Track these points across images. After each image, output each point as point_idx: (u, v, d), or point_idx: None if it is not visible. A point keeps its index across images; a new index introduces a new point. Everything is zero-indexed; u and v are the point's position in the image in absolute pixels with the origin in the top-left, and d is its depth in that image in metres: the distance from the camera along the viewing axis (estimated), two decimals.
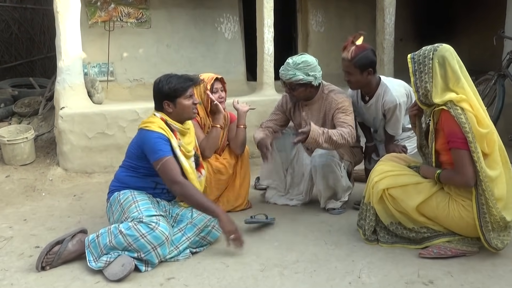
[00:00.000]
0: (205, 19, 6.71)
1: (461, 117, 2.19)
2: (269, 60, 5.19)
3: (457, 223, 2.31)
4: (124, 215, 2.51)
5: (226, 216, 2.49)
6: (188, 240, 2.54)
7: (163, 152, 2.51)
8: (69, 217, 3.35)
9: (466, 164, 2.19)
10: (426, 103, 2.34)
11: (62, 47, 4.56)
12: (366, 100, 3.11)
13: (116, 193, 2.65)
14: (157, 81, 2.67)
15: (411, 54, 2.39)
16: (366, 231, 2.56)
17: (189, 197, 2.50)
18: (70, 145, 4.51)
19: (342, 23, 7.50)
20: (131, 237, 2.33)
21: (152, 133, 2.55)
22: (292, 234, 2.80)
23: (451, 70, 2.26)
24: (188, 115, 2.69)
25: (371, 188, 2.51)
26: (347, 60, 2.88)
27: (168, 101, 2.62)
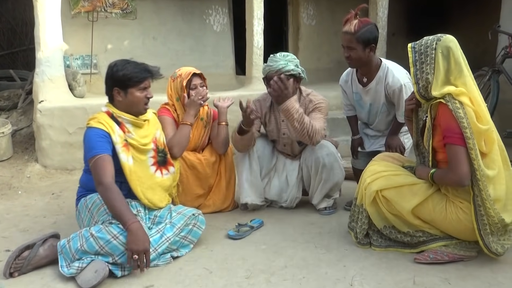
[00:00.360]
0: (193, 11, 6.53)
1: (459, 111, 2.05)
2: (259, 53, 5.04)
3: (454, 226, 2.18)
4: (93, 220, 2.37)
5: (138, 232, 2.16)
6: (168, 241, 2.38)
7: (96, 150, 2.31)
8: (45, 217, 3.17)
9: (461, 161, 2.05)
10: (425, 97, 2.20)
11: (41, 37, 4.36)
12: (365, 83, 2.93)
13: (82, 199, 2.50)
14: (112, 64, 2.46)
15: (411, 43, 2.24)
16: (358, 235, 2.42)
17: (107, 201, 2.27)
18: (49, 141, 4.33)
19: (334, 16, 7.35)
20: (102, 239, 2.18)
21: (89, 131, 2.38)
22: (280, 237, 2.65)
23: (454, 62, 2.12)
24: (138, 108, 2.49)
25: (363, 190, 2.37)
26: (349, 34, 2.68)
27: (119, 88, 2.42)
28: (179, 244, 2.44)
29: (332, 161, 2.91)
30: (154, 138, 2.63)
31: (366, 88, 2.93)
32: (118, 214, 2.21)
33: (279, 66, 2.85)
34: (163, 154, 2.67)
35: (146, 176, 2.52)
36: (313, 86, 5.97)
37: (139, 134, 2.52)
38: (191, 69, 3.00)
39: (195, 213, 2.52)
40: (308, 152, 3.00)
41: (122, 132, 2.43)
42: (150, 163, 2.57)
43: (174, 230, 2.42)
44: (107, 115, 2.45)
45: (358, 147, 3.15)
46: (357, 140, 3.16)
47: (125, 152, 2.41)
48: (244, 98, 3.30)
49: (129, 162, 2.42)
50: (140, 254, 2.15)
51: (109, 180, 2.27)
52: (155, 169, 2.60)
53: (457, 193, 2.16)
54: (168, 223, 2.44)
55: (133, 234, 2.15)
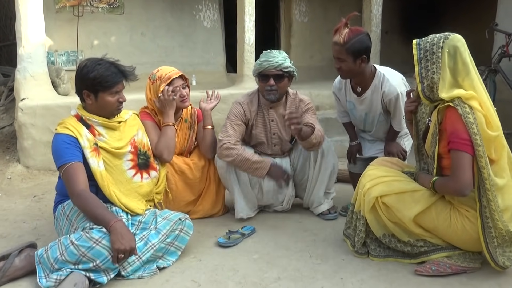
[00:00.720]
0: (183, 7, 6.37)
1: (468, 117, 1.93)
2: (250, 50, 4.90)
3: (459, 236, 2.06)
4: (72, 227, 2.22)
5: (122, 230, 2.05)
6: (153, 248, 2.23)
7: (64, 158, 2.20)
8: (25, 222, 3.00)
9: (464, 169, 1.93)
10: (429, 97, 2.07)
11: (23, 32, 4.18)
12: (359, 92, 2.80)
13: (60, 206, 2.36)
14: (82, 64, 2.30)
15: (416, 40, 2.10)
16: (356, 243, 2.29)
17: (83, 210, 2.16)
18: (31, 140, 4.15)
19: (327, 14, 7.24)
20: (83, 247, 2.03)
21: (56, 137, 2.26)
22: (273, 245, 2.51)
23: (461, 62, 1.99)
24: (109, 112, 2.36)
25: (362, 196, 2.24)
26: (339, 45, 2.54)
27: (88, 91, 2.28)
28: (165, 251, 2.30)
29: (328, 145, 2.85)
30: (133, 139, 2.49)
31: (360, 97, 2.80)
32: (99, 218, 2.10)
33: (278, 62, 2.75)
34: (144, 157, 2.53)
35: (121, 181, 2.39)
36: (305, 85, 5.88)
37: (113, 137, 2.39)
38: (171, 72, 2.78)
39: (181, 217, 2.38)
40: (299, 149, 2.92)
41: (91, 136, 2.30)
42: (127, 167, 2.44)
43: (160, 236, 2.28)
44: (75, 118, 2.32)
45: (356, 153, 3.02)
46: (355, 146, 3.02)
47: (94, 156, 2.28)
48: (235, 97, 3.19)
49: (100, 167, 2.29)
50: (126, 253, 2.04)
51: (81, 188, 2.15)
52: (134, 173, 2.46)
53: (463, 200, 2.04)
54: (153, 229, 2.30)
55: (117, 233, 2.04)
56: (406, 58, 8.37)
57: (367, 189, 2.20)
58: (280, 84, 2.79)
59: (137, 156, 2.48)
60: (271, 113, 2.92)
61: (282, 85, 2.80)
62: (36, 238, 2.68)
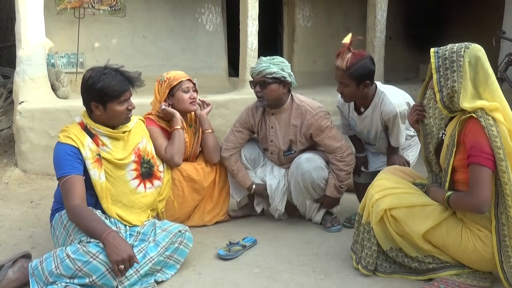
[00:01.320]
0: (185, 10, 6.31)
1: (492, 129, 1.85)
2: (253, 55, 4.84)
3: (469, 255, 1.98)
4: (69, 238, 2.15)
5: (115, 241, 1.98)
6: (151, 262, 2.16)
7: (63, 170, 2.15)
8: (21, 229, 2.93)
9: (484, 184, 1.84)
10: (449, 107, 2.00)
11: (22, 34, 4.12)
12: (361, 111, 2.75)
13: (57, 214, 2.29)
14: (86, 76, 2.24)
15: (434, 48, 2.03)
16: (364, 258, 2.18)
17: (78, 225, 2.10)
18: (29, 144, 4.09)
19: (330, 18, 7.18)
20: (79, 261, 1.96)
21: (58, 146, 2.22)
22: (274, 258, 2.44)
23: (483, 72, 1.92)
24: (119, 121, 2.32)
25: (370, 207, 2.15)
26: (341, 70, 2.50)
27: (96, 103, 2.23)
28: (164, 264, 2.23)
29: (319, 176, 2.73)
30: (137, 148, 2.43)
31: (361, 116, 2.75)
32: (92, 231, 2.04)
33: (260, 68, 2.68)
34: (148, 166, 2.47)
35: (123, 192, 2.34)
36: (308, 90, 5.80)
37: (117, 147, 2.33)
38: (180, 74, 2.82)
39: (181, 229, 2.31)
40: (295, 166, 2.80)
41: (95, 146, 2.24)
42: (131, 177, 2.38)
43: (158, 249, 2.20)
44: (79, 127, 2.26)
45: (361, 166, 2.94)
46: (361, 159, 2.94)
47: (96, 168, 2.23)
48: (237, 102, 3.13)
49: (101, 179, 2.24)
50: (125, 263, 1.97)
51: (76, 203, 2.10)
52: (138, 183, 2.40)
53: (475, 219, 1.96)
54: (152, 241, 2.23)
55: (111, 244, 1.97)
56: (410, 64, 8.35)
57: (376, 200, 2.12)
58: (266, 90, 2.71)
59: (140, 165, 2.43)
60: (271, 119, 2.85)
61: (268, 92, 2.71)
62: (32, 247, 2.61)
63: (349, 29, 7.26)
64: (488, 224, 1.93)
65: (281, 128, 2.82)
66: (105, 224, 2.11)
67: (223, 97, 4.72)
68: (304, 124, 2.75)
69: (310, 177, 2.71)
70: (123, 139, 2.37)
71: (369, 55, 2.57)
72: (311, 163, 2.73)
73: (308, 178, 2.71)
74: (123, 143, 2.37)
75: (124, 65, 2.35)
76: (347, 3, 7.24)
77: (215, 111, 4.24)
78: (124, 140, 2.38)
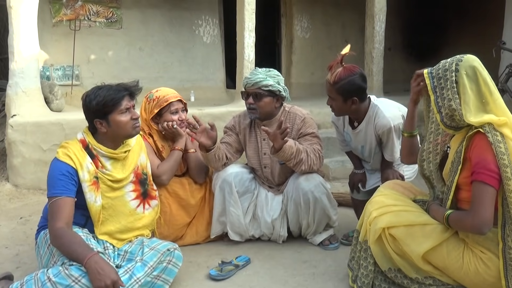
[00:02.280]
0: (182, 22, 6.28)
1: (500, 146, 1.74)
2: (250, 67, 4.79)
3: (471, 278, 1.87)
4: (53, 258, 2.04)
5: (97, 266, 1.89)
6: (138, 283, 2.05)
7: (54, 190, 2.06)
8: (7, 247, 2.84)
9: (486, 204, 1.74)
10: (452, 126, 1.91)
11: (15, 47, 4.08)
12: (355, 126, 2.67)
13: (42, 232, 2.18)
14: (83, 96, 2.18)
15: (427, 69, 1.95)
16: (363, 278, 2.07)
17: (59, 249, 2.00)
18: (21, 158, 4.01)
19: (329, 30, 7.16)
20: (61, 285, 1.87)
21: (55, 164, 2.11)
22: (268, 279, 2.33)
23: (483, 82, 1.83)
24: (127, 132, 2.21)
25: (368, 225, 2.05)
26: (329, 83, 2.45)
27: (99, 119, 2.14)
28: (151, 285, 2.12)
29: (321, 194, 2.61)
30: (136, 167, 2.34)
31: (355, 130, 2.67)
32: (73, 256, 1.94)
33: (256, 80, 2.60)
34: (146, 185, 2.39)
35: (123, 213, 2.25)
36: (306, 101, 5.74)
37: (116, 168, 2.24)
38: (170, 94, 2.72)
39: (170, 248, 2.20)
40: (292, 186, 2.67)
41: (93, 168, 2.15)
42: (130, 198, 2.29)
43: (146, 269, 2.10)
44: (81, 145, 2.16)
45: (359, 183, 2.83)
46: (359, 175, 2.84)
47: (93, 191, 2.14)
48: (234, 114, 3.04)
49: (97, 203, 2.15)
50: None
51: (59, 226, 2.00)
52: (138, 204, 2.32)
53: (479, 240, 1.85)
54: (139, 260, 2.12)
55: (93, 269, 1.87)
56: (409, 75, 8.23)
57: (374, 217, 2.02)
58: (259, 103, 2.63)
59: (139, 184, 2.34)
60: (263, 132, 2.76)
61: (263, 105, 2.63)
62: (17, 267, 2.52)
63: (347, 40, 7.23)
64: (492, 246, 1.82)
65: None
66: (87, 247, 2.00)
67: (220, 109, 4.66)
68: (294, 128, 2.68)
69: (313, 196, 2.59)
70: (122, 159, 2.29)
71: (360, 71, 2.49)
72: (310, 181, 2.60)
73: (311, 197, 2.59)
74: (122, 163, 2.28)
75: (121, 78, 2.29)
76: (345, 14, 7.22)
77: None
78: (123, 160, 2.29)
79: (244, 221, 2.74)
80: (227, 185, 2.69)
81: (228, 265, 2.40)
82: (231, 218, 2.71)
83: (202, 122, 2.54)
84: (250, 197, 2.79)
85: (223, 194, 2.71)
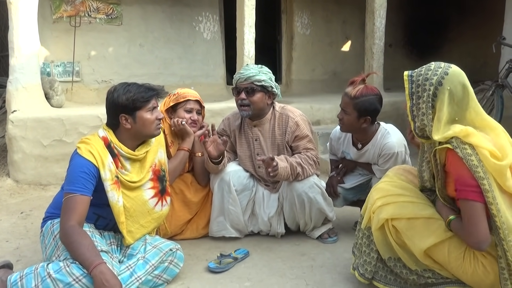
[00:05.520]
0: (182, 18, 6.27)
1: (471, 159, 1.70)
2: (250, 63, 4.79)
3: (469, 276, 1.85)
4: (57, 251, 2.04)
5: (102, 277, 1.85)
6: (138, 281, 2.06)
7: (73, 187, 2.03)
8: (8, 241, 2.85)
9: (478, 222, 1.70)
10: (424, 136, 1.88)
11: (15, 42, 4.09)
12: (359, 148, 2.69)
13: (49, 221, 2.17)
14: (111, 90, 2.18)
15: (408, 72, 1.90)
16: (366, 265, 2.04)
17: (67, 247, 1.97)
18: (21, 154, 4.02)
19: (329, 26, 7.14)
20: (61, 282, 1.86)
21: (77, 159, 2.08)
22: (267, 271, 2.34)
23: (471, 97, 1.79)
24: (150, 132, 2.21)
25: (371, 212, 2.01)
26: (348, 97, 2.47)
27: (126, 114, 2.14)
28: (152, 284, 2.14)
29: (315, 194, 2.60)
30: (154, 164, 2.33)
31: (360, 151, 2.68)
32: (80, 259, 1.91)
33: (249, 74, 2.60)
34: (164, 181, 2.38)
35: (142, 212, 2.24)
36: (306, 98, 5.74)
37: (135, 168, 2.23)
38: (190, 93, 2.77)
39: (172, 248, 2.21)
40: (287, 187, 2.66)
41: (114, 167, 2.13)
42: (149, 196, 2.27)
43: (147, 267, 2.10)
44: (103, 142, 2.14)
45: (337, 185, 2.79)
46: (336, 178, 2.82)
47: (115, 190, 2.11)
48: (234, 110, 3.02)
49: (119, 202, 2.13)
50: None
51: (71, 224, 1.97)
52: (156, 202, 2.30)
53: None
54: (141, 258, 2.13)
55: (98, 279, 1.84)
56: None
57: (378, 206, 1.98)
58: (253, 98, 2.61)
59: (158, 181, 2.32)
60: (254, 131, 2.74)
61: (256, 100, 2.62)
62: (17, 260, 2.53)
63: (348, 37, 7.23)
64: (493, 250, 1.79)
65: (265, 140, 2.73)
66: (95, 252, 1.95)
67: (220, 105, 4.66)
68: (288, 131, 2.66)
69: (307, 197, 2.59)
70: (141, 161, 2.27)
71: (380, 94, 2.53)
72: (304, 183, 2.59)
73: (306, 198, 2.59)
74: (141, 163, 2.27)
75: (121, 74, 2.30)
76: (346, 10, 7.21)
77: (211, 120, 4.17)
78: (141, 161, 2.28)
79: (243, 218, 2.75)
80: (225, 184, 2.69)
81: (227, 258, 2.41)
82: (230, 216, 2.72)
83: (216, 133, 2.58)
84: (248, 195, 2.78)
85: (221, 193, 2.71)
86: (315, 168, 2.63)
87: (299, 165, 2.55)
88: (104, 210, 2.15)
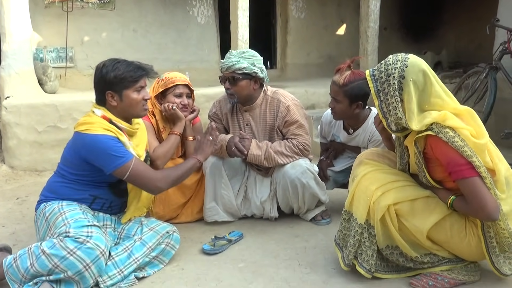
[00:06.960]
0: (176, 2, 6.22)
1: (456, 141, 1.74)
2: (244, 47, 4.75)
3: (472, 249, 1.88)
4: (50, 231, 2.06)
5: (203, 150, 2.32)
6: (136, 263, 2.10)
7: (124, 156, 2.07)
8: (4, 226, 2.88)
9: (483, 194, 1.73)
10: (399, 130, 1.90)
11: (7, 28, 4.06)
12: (350, 132, 2.72)
13: (42, 204, 2.19)
14: (100, 65, 2.15)
15: (369, 71, 1.93)
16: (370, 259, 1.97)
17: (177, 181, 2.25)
18: (16, 140, 4.03)
19: (324, 10, 7.09)
20: (56, 256, 1.88)
21: (99, 137, 2.06)
22: (261, 252, 2.38)
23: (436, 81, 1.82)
24: (136, 112, 2.21)
25: (371, 204, 1.95)
26: (337, 85, 2.46)
27: (112, 92, 2.13)
28: (149, 264, 2.17)
29: (308, 179, 2.62)
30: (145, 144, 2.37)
31: (351, 136, 2.71)
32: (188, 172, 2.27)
33: (229, 63, 2.58)
34: (147, 160, 2.41)
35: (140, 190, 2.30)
36: (301, 82, 5.73)
37: (134, 143, 2.24)
38: (178, 77, 2.74)
39: (169, 230, 2.25)
40: (279, 173, 2.66)
41: (126, 138, 2.16)
42: None
43: (144, 249, 2.14)
44: (104, 120, 2.14)
45: (326, 169, 2.83)
46: (325, 162, 2.85)
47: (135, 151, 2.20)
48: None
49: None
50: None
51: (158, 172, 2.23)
52: None
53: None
54: (138, 239, 2.16)
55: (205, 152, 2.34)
56: None
57: (379, 196, 1.93)
58: (236, 87, 2.61)
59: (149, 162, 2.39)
60: (246, 116, 2.74)
61: (239, 89, 2.61)
62: (14, 244, 2.56)
63: (343, 20, 7.19)
64: None
65: (257, 125, 2.73)
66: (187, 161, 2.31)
67: (214, 90, 4.65)
68: (279, 116, 2.66)
69: (300, 183, 2.60)
70: (136, 135, 2.29)
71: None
72: (296, 168, 2.60)
73: (299, 184, 2.60)
74: (137, 140, 2.28)
75: None
76: None
77: (206, 104, 4.18)
78: (137, 137, 2.29)
79: (236, 202, 2.78)
80: (217, 169, 2.71)
81: (221, 240, 2.45)
82: (223, 200, 2.74)
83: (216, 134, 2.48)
84: (240, 179, 2.81)
85: (213, 178, 2.73)
86: (302, 156, 2.64)
87: (281, 154, 2.57)
88: (102, 190, 2.18)
